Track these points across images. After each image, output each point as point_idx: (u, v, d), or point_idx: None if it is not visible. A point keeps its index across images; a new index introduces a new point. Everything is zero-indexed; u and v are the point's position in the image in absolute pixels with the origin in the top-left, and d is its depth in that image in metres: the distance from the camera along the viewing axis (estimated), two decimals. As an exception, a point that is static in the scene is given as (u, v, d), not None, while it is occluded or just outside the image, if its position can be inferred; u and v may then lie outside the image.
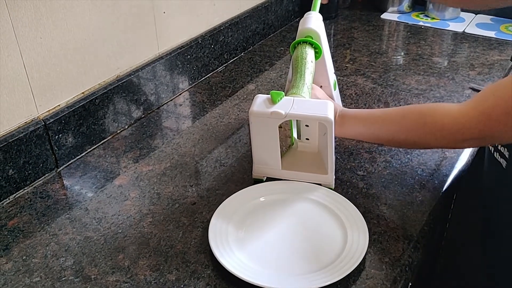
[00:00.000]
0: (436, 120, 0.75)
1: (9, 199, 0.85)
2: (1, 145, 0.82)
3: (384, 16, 1.60)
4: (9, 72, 0.82)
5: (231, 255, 0.71)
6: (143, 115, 1.08)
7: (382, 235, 0.76)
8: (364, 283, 0.69)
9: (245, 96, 1.15)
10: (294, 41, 0.88)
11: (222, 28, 1.25)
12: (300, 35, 0.88)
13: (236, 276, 0.67)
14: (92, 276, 0.71)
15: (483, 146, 0.88)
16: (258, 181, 0.86)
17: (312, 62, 0.85)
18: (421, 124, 0.77)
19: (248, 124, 1.04)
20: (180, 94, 1.17)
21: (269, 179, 0.86)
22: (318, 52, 0.88)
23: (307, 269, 0.70)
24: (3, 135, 0.83)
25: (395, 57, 1.33)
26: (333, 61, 0.96)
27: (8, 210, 0.83)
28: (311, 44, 0.87)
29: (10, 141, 0.83)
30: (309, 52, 0.86)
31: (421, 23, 1.53)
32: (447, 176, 0.89)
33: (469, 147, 0.93)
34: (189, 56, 1.17)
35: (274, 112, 0.76)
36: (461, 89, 1.16)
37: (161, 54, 1.11)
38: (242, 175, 0.89)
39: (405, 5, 1.61)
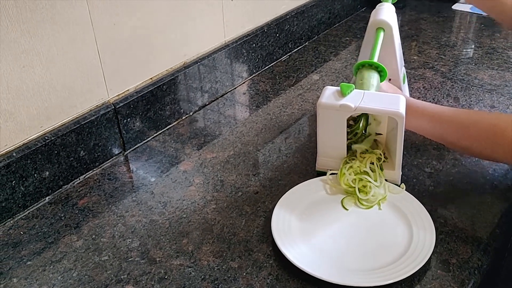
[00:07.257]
0: (507, 133, 0.71)
1: (79, 179, 0.89)
2: (74, 127, 0.85)
3: (456, 6, 1.53)
4: (84, 57, 0.84)
5: (294, 246, 0.71)
6: (208, 102, 1.09)
7: (449, 235, 0.74)
8: (430, 283, 0.67)
9: (308, 86, 1.14)
10: (358, 63, 0.81)
11: (287, 16, 1.24)
12: (371, 26, 0.86)
13: (298, 268, 0.67)
14: (157, 259, 0.72)
15: None
16: (321, 173, 0.85)
17: (375, 87, 0.80)
18: (491, 134, 0.73)
19: (312, 115, 1.04)
20: (243, 83, 1.17)
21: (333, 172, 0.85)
22: (382, 76, 0.81)
23: (370, 265, 0.69)
24: (76, 118, 0.87)
25: (466, 50, 1.28)
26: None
27: (79, 190, 0.86)
28: (376, 67, 0.81)
29: (82, 123, 0.86)
30: (374, 76, 0.80)
31: (495, 15, 1.46)
32: (521, 177, 0.85)
33: None
34: (254, 45, 1.17)
35: (343, 105, 0.75)
36: (539, 86, 1.10)
37: (227, 42, 1.11)
38: (305, 166, 0.89)
39: (479, -5, 1.53)
